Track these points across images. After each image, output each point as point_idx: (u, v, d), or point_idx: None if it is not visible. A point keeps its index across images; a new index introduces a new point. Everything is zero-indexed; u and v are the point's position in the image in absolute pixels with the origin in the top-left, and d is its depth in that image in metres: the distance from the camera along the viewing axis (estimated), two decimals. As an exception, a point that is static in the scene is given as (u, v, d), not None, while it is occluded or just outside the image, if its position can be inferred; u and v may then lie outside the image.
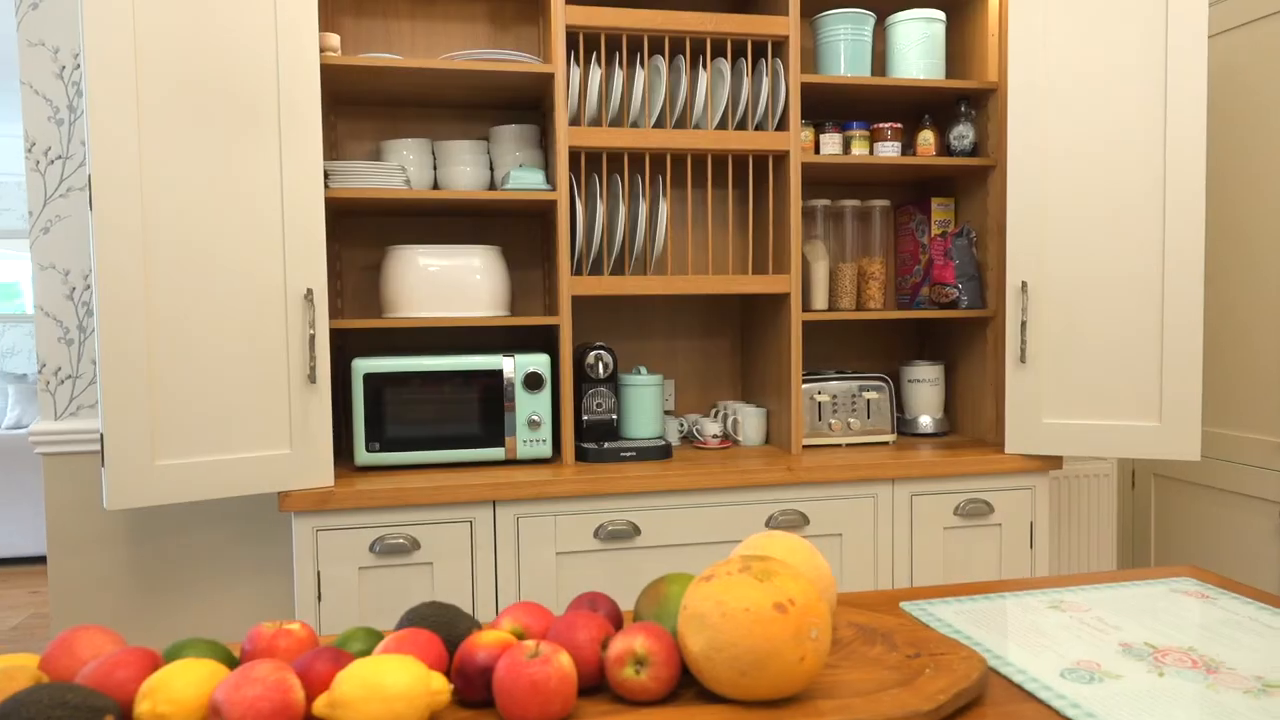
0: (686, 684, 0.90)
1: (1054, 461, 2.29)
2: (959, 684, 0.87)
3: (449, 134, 2.51)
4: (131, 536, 2.25)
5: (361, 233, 2.48)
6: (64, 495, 2.17)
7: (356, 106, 2.45)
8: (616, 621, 0.97)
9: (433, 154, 2.36)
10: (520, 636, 0.92)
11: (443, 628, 0.92)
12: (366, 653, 0.89)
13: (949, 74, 2.59)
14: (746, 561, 0.86)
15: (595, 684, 0.89)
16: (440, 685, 0.81)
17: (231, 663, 0.88)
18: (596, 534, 2.10)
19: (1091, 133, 2.18)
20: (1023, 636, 1.06)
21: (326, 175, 2.14)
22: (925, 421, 2.57)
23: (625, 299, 2.62)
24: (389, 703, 0.78)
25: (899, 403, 2.65)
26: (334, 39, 2.10)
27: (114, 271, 1.78)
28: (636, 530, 2.12)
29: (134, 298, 1.80)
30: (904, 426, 2.60)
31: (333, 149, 2.43)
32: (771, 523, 2.17)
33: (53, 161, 2.09)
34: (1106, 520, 2.89)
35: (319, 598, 1.99)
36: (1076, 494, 2.87)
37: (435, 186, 2.36)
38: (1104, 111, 2.17)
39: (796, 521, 2.18)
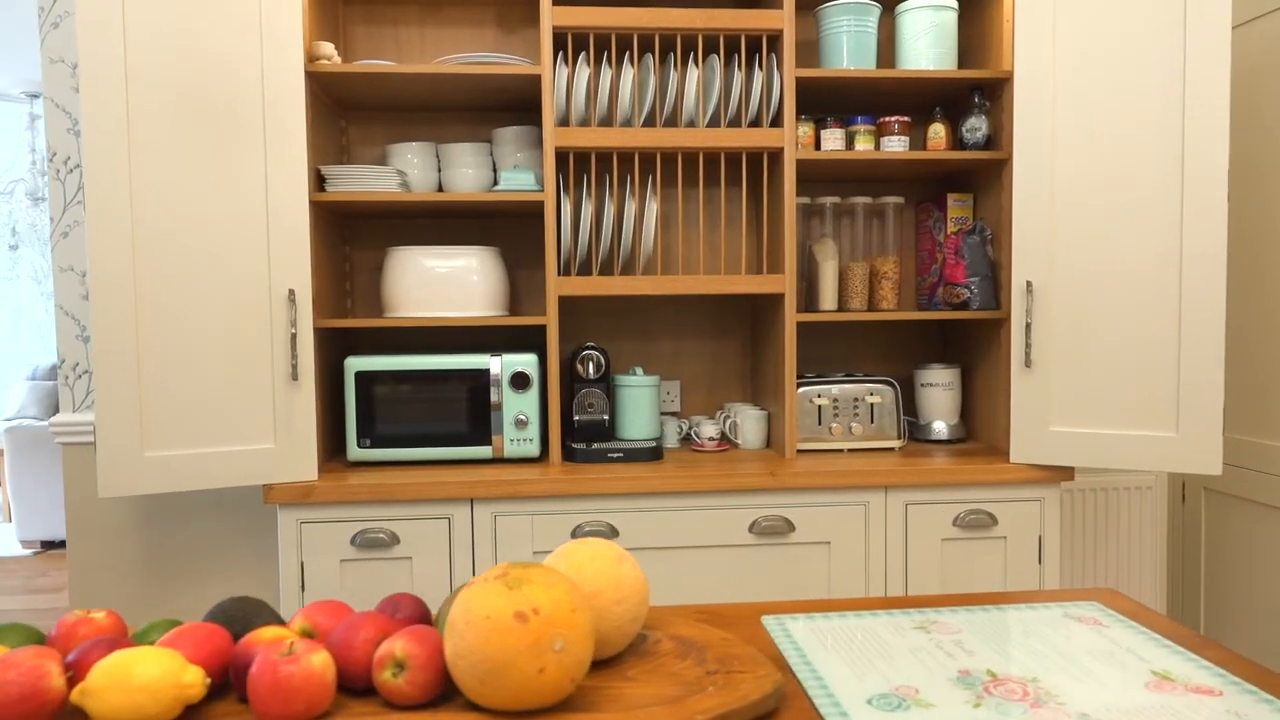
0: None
1: (1064, 472, 2.15)
2: (728, 705, 0.84)
3: (456, 137, 2.55)
4: (145, 523, 2.39)
5: (372, 234, 2.55)
6: (81, 483, 2.32)
7: (366, 112, 2.53)
8: (417, 624, 0.97)
9: (437, 157, 2.40)
10: (309, 635, 0.93)
11: (238, 623, 0.94)
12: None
13: (965, 64, 2.48)
14: (507, 569, 0.84)
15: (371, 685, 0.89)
16: (193, 679, 0.83)
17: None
18: (574, 534, 2.10)
19: (1104, 120, 2.04)
20: (861, 657, 1.00)
21: (324, 179, 2.21)
22: (939, 428, 2.46)
23: (632, 300, 2.60)
24: (131, 694, 0.80)
25: (914, 408, 2.54)
26: (327, 47, 2.17)
27: (106, 271, 1.89)
28: (614, 532, 2.10)
29: (124, 296, 1.90)
30: (918, 432, 2.49)
31: (343, 154, 2.51)
32: (754, 528, 2.12)
33: (71, 170, 2.24)
34: (1150, 536, 2.70)
35: (302, 588, 2.06)
36: (1117, 507, 2.69)
37: (440, 189, 2.40)
38: (1118, 96, 2.03)
39: (781, 528, 2.12)
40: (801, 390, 2.34)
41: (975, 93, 2.33)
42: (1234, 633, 2.55)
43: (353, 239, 2.54)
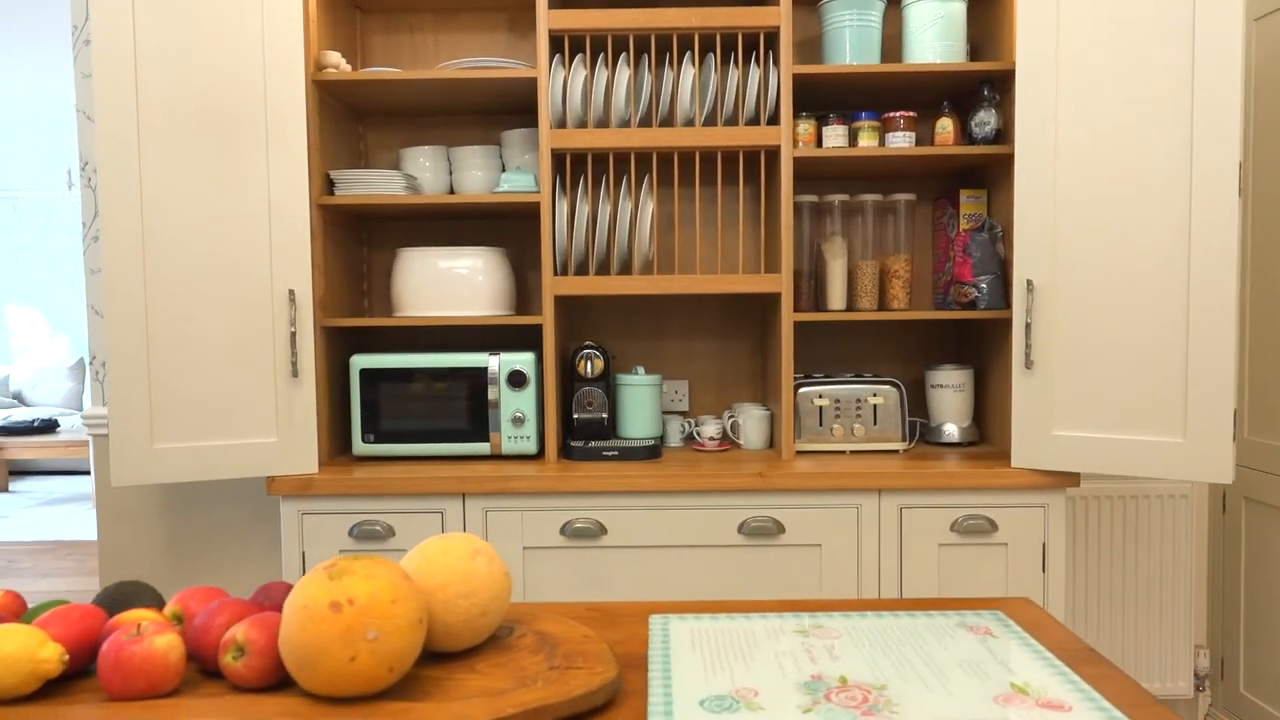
0: (313, 675, 0.93)
1: (1069, 479, 2.07)
2: (545, 699, 0.85)
3: (469, 140, 2.61)
4: (169, 510, 2.52)
5: (388, 236, 2.63)
6: (109, 473, 2.46)
7: (382, 118, 2.61)
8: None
9: (448, 160, 2.47)
10: (178, 619, 0.98)
11: (120, 605, 1.00)
12: (41, 622, 0.98)
13: (978, 57, 2.40)
14: (336, 560, 0.88)
15: (229, 668, 0.93)
16: (49, 655, 0.88)
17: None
18: (563, 531, 2.13)
19: (1110, 112, 1.96)
20: (722, 659, 1.00)
21: (333, 183, 2.30)
22: (950, 430, 2.39)
23: (642, 300, 2.62)
24: (-13, 666, 0.86)
25: (925, 410, 2.48)
26: (334, 56, 2.25)
27: (118, 272, 2.01)
28: (602, 529, 2.12)
29: (135, 296, 2.02)
30: (929, 435, 2.43)
31: (360, 158, 2.59)
32: (743, 529, 2.11)
33: (102, 178, 2.39)
34: (1185, 548, 2.57)
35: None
36: (1149, 516, 2.57)
37: (452, 191, 2.46)
38: (1124, 87, 1.94)
39: (770, 529, 2.10)
40: (803, 391, 2.32)
41: (984, 86, 2.26)
42: (1279, 650, 2.41)
43: (370, 241, 2.63)
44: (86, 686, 0.92)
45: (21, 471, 7.01)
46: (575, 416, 2.35)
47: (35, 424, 6.10)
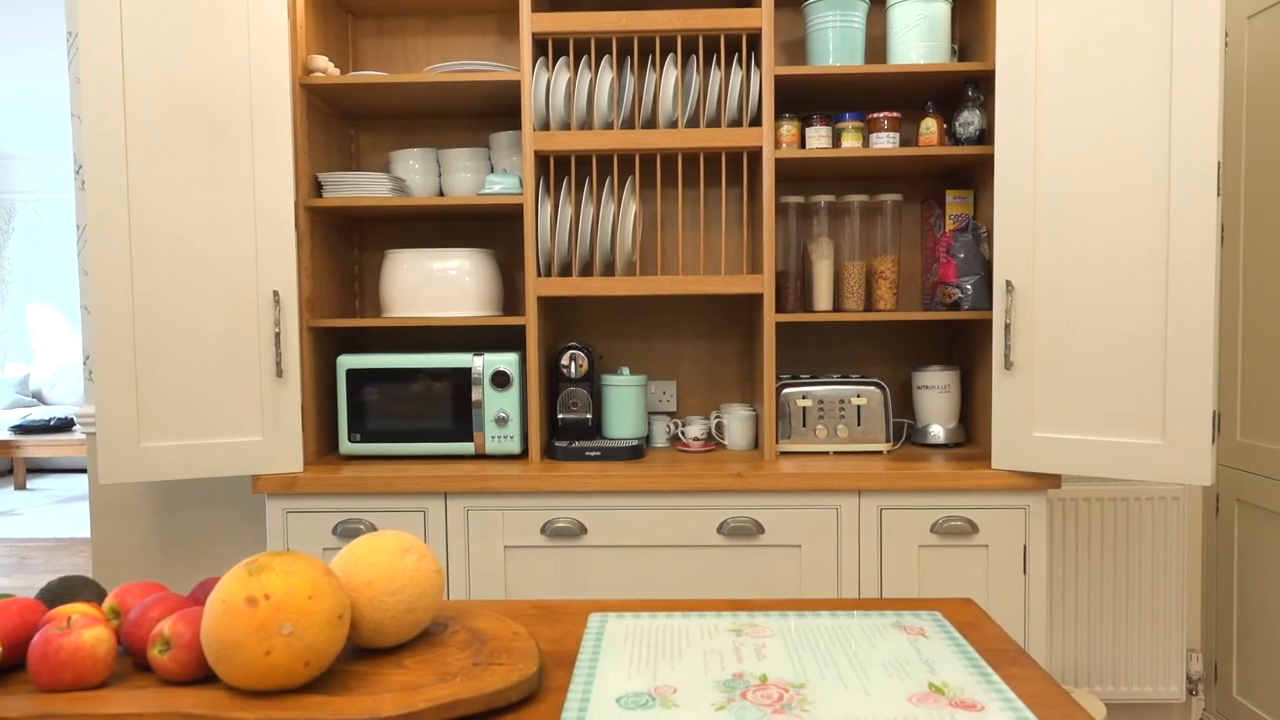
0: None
1: (1050, 480, 2.06)
2: (458, 694, 0.86)
3: (459, 143, 2.63)
4: (162, 508, 2.56)
5: (379, 238, 2.66)
6: (107, 469, 2.51)
7: (373, 121, 2.63)
8: (222, 606, 1.03)
9: (438, 162, 2.49)
10: (116, 613, 1.01)
11: (61, 599, 1.02)
12: (-16, 615, 1.01)
13: (966, 58, 2.39)
14: (258, 556, 0.89)
15: (161, 661, 0.95)
16: (-19, 647, 0.91)
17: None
18: (544, 530, 2.14)
19: (1089, 112, 1.95)
20: (650, 657, 1.01)
21: (321, 186, 2.32)
22: (935, 431, 2.39)
23: (631, 301, 2.62)
24: (-80, 657, 0.89)
25: (912, 411, 2.48)
26: (321, 61, 2.28)
27: (106, 272, 2.04)
28: (583, 529, 2.14)
29: (122, 295, 2.05)
30: (916, 436, 2.43)
31: (351, 161, 2.62)
32: (723, 529, 2.11)
33: (96, 181, 2.43)
34: (1177, 550, 2.54)
35: (289, 573, 2.17)
36: (1139, 518, 2.55)
37: (441, 193, 2.48)
38: (1103, 88, 1.93)
39: (749, 529, 2.11)
40: (786, 392, 2.32)
41: (969, 86, 2.26)
42: (1272, 655, 2.38)
43: (362, 242, 2.66)
44: (23, 679, 0.95)
45: (39, 469, 7.14)
46: (559, 417, 2.36)
47: (51, 422, 6.21)
